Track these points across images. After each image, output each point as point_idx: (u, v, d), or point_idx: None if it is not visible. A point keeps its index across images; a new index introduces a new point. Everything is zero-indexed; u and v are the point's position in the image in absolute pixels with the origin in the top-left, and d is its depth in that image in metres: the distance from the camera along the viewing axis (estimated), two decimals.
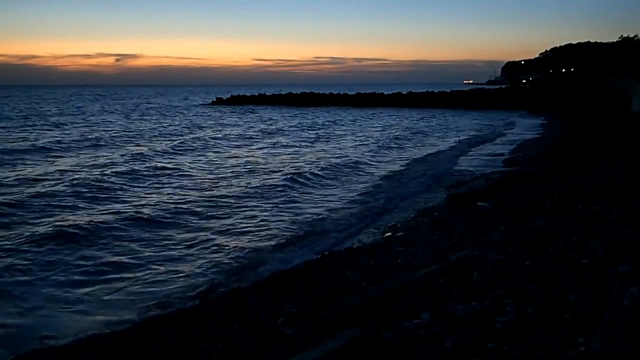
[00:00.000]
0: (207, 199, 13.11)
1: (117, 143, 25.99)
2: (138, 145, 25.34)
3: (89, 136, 28.15)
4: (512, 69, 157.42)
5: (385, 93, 69.25)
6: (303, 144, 26.50)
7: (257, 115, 49.84)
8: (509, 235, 7.48)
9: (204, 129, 35.54)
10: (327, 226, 10.62)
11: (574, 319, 4.10)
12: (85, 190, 13.65)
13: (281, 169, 17.87)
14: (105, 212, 11.75)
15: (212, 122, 41.20)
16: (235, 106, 66.45)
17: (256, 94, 76.12)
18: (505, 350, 3.91)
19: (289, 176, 15.94)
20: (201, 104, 73.96)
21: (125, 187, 14.54)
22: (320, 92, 75.21)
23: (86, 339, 5.94)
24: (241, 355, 5.14)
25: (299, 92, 74.92)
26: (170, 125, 37.93)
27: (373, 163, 19.81)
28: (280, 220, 11.10)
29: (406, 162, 19.81)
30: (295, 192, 14.18)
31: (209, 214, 11.73)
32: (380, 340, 4.52)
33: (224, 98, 76.55)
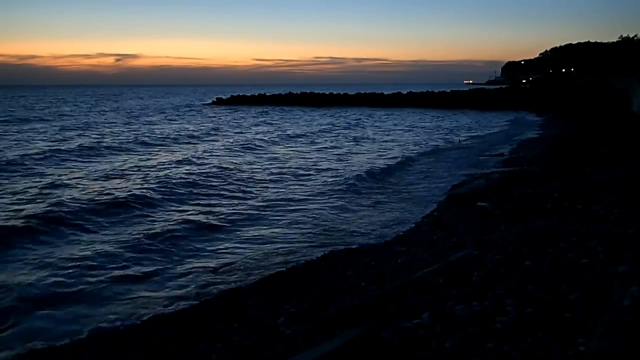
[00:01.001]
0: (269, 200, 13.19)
1: (167, 143, 26.43)
2: (186, 145, 25.75)
3: (132, 137, 28.16)
4: (512, 69, 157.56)
5: (385, 93, 69.26)
6: (345, 144, 26.53)
7: (277, 115, 49.48)
8: (509, 235, 7.48)
9: (240, 128, 35.93)
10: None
11: (574, 319, 4.10)
12: (157, 192, 13.65)
13: (343, 169, 18.07)
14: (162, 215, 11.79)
15: (245, 122, 41.12)
16: (237, 106, 66.54)
17: (256, 94, 76.17)
18: (505, 350, 3.91)
19: (353, 176, 16.20)
20: (205, 104, 74.18)
21: (188, 189, 14.50)
22: (320, 92, 75.23)
23: (85, 338, 5.94)
24: (241, 355, 5.14)
25: (299, 92, 74.96)
26: (201, 125, 38.10)
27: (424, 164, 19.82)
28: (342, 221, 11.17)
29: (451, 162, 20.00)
30: (360, 193, 14.24)
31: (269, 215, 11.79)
32: (380, 340, 4.51)
33: (224, 98, 76.73)
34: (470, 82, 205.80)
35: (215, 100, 78.16)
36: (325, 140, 28.15)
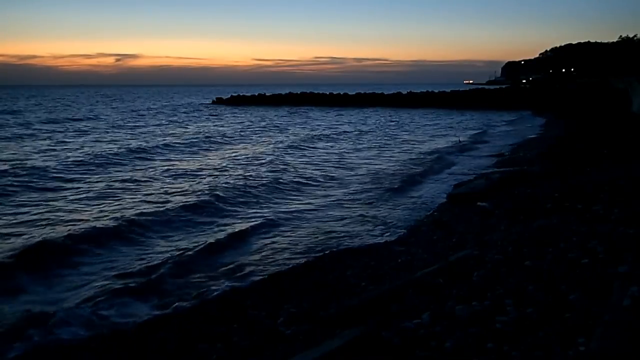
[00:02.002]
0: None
1: (223, 143, 26.72)
2: (245, 144, 26.15)
3: (174, 139, 27.96)
4: (512, 69, 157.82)
5: (385, 93, 69.26)
6: (388, 143, 26.83)
7: (299, 116, 49.14)
8: (509, 235, 7.48)
9: (281, 127, 36.16)
10: None
11: (574, 319, 4.10)
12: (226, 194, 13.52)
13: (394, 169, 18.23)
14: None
15: (274, 123, 40.73)
16: (239, 106, 66.55)
17: (256, 94, 76.17)
18: (505, 350, 3.90)
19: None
20: (206, 104, 74.25)
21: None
22: (320, 92, 75.26)
23: (85, 338, 5.94)
24: (241, 355, 5.14)
25: (299, 92, 74.96)
26: (234, 126, 37.63)
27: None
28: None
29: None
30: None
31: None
32: (380, 340, 4.51)
33: (224, 98, 76.83)
34: (470, 82, 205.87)
35: (215, 100, 78.31)
36: (351, 141, 28.11)
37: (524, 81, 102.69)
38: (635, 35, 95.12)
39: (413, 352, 4.21)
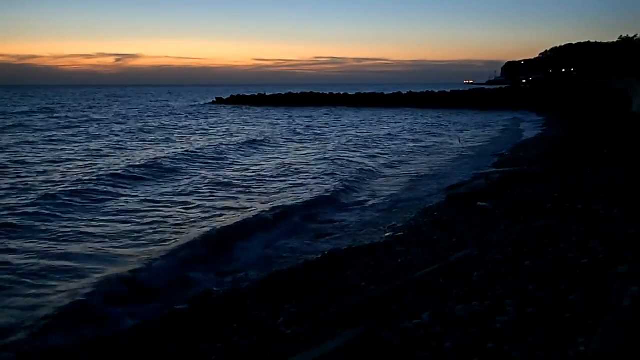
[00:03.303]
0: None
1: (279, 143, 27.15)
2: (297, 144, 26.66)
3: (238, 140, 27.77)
4: (512, 69, 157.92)
5: (385, 93, 69.38)
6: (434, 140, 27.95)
7: (327, 116, 49.19)
8: (509, 235, 7.47)
9: (317, 129, 35.92)
10: None
11: (574, 319, 4.10)
12: None
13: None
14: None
15: (314, 123, 40.83)
16: (240, 105, 66.53)
17: (256, 94, 76.25)
18: (505, 350, 3.90)
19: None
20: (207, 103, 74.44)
21: None
22: (321, 92, 75.42)
23: (86, 339, 5.94)
24: (241, 355, 5.13)
25: (299, 92, 75.09)
26: (278, 127, 37.43)
27: None
28: None
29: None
30: None
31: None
32: (380, 340, 4.51)
33: (224, 98, 77.03)
34: (470, 82, 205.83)
35: (215, 100, 78.55)
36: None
37: (524, 81, 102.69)
38: (635, 35, 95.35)
39: (413, 352, 4.21)
